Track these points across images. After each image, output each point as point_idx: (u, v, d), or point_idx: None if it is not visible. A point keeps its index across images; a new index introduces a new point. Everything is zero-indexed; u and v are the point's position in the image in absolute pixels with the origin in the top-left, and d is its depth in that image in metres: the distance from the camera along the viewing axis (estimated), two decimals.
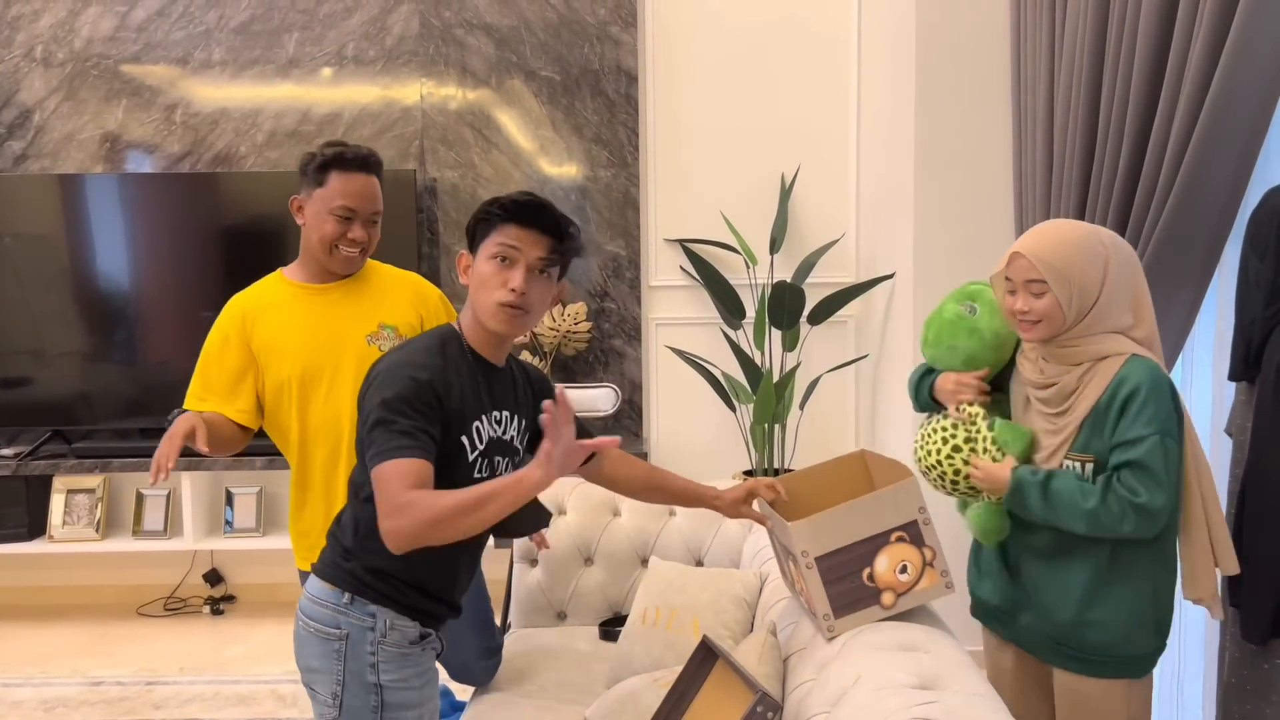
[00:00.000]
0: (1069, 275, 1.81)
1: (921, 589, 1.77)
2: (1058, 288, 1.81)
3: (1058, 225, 1.87)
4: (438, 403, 1.65)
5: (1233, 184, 2.25)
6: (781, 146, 4.28)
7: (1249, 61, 2.10)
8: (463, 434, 1.70)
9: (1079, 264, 1.81)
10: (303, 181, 2.23)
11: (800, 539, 1.72)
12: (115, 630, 4.06)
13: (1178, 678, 2.59)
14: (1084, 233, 1.85)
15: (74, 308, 4.13)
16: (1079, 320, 1.83)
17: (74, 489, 4.23)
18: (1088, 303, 1.82)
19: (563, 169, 4.28)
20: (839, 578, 1.74)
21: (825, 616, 1.74)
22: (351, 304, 2.25)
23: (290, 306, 2.23)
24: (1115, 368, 1.81)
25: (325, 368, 2.20)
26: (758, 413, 3.93)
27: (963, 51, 3.40)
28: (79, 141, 4.26)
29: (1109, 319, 1.84)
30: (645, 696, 1.99)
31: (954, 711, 1.42)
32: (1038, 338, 1.87)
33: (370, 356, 2.17)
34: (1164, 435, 1.75)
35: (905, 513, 1.75)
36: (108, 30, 4.23)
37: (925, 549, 1.77)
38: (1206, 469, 1.86)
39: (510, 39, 4.23)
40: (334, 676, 1.71)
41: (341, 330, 2.22)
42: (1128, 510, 1.75)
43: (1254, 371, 2.06)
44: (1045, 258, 1.82)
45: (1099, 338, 1.84)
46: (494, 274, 1.71)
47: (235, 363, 2.21)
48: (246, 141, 4.26)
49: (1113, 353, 1.82)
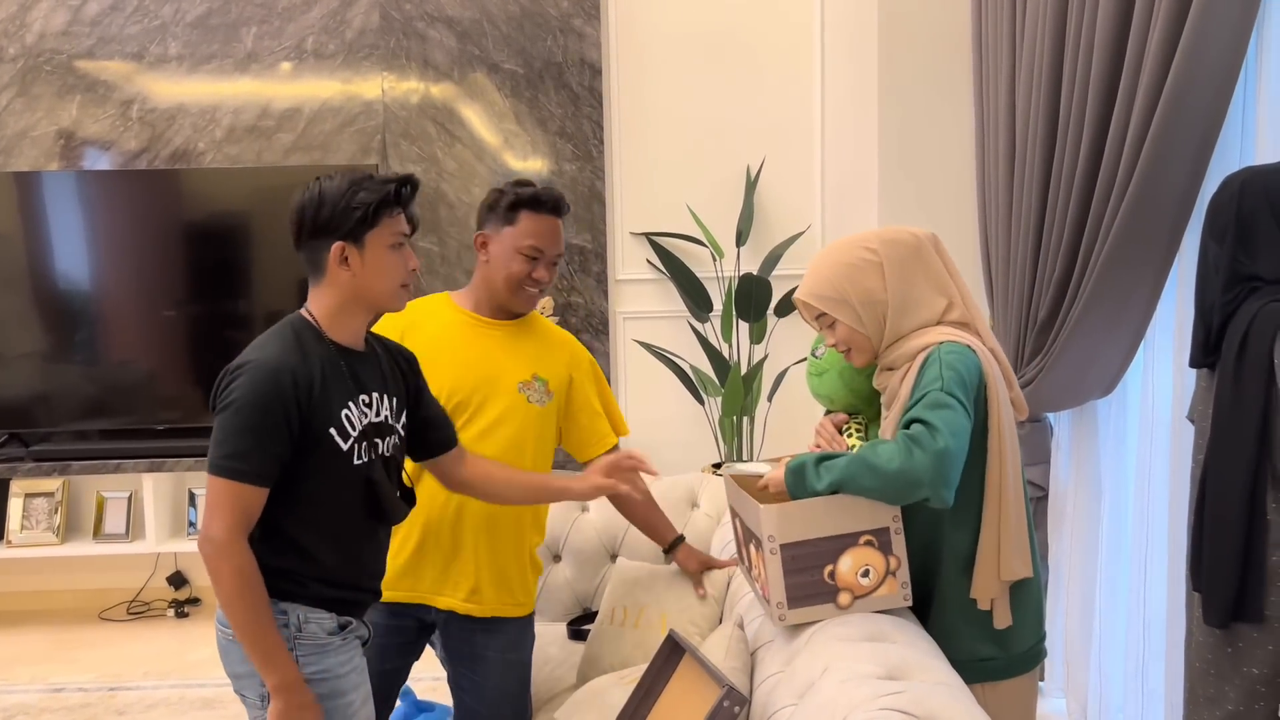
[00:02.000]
0: (844, 298, 1.81)
1: (879, 596, 1.76)
2: (840, 313, 1.82)
3: (822, 254, 1.87)
4: (295, 401, 1.67)
5: (1191, 172, 2.26)
6: (746, 139, 4.28)
7: (1206, 51, 2.11)
8: (330, 425, 1.72)
9: (849, 282, 1.81)
10: (489, 217, 2.19)
11: (769, 523, 1.71)
12: (77, 636, 3.99)
13: (1142, 661, 2.62)
14: (847, 251, 1.83)
15: (32, 308, 4.06)
16: (883, 329, 1.82)
17: (32, 492, 4.16)
18: (880, 311, 1.81)
19: (527, 163, 4.25)
20: (800, 569, 1.73)
21: (779, 604, 1.74)
22: (513, 346, 2.21)
23: (453, 330, 2.20)
24: (922, 360, 1.78)
25: (472, 402, 2.16)
26: (726, 405, 3.93)
27: (925, 43, 3.40)
28: (33, 138, 4.18)
29: (912, 316, 1.81)
30: (613, 694, 1.98)
31: (921, 701, 1.42)
32: (863, 362, 1.87)
33: (518, 403, 2.17)
34: (946, 392, 1.67)
35: (879, 518, 1.74)
36: (60, 25, 4.15)
37: (891, 557, 1.75)
38: (1012, 465, 1.77)
39: (472, 32, 4.19)
40: (259, 679, 1.71)
41: (499, 370, 2.18)
42: (909, 446, 1.63)
43: (1214, 358, 2.07)
44: (816, 290, 1.83)
45: (912, 336, 1.81)
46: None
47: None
48: (205, 137, 4.19)
49: (926, 345, 1.79)
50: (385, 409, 1.84)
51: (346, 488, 1.77)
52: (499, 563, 2.18)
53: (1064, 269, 2.56)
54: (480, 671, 2.19)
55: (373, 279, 1.77)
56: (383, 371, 1.87)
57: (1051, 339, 2.61)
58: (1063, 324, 2.56)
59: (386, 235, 1.77)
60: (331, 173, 1.77)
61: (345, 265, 1.75)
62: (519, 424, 2.17)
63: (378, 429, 1.82)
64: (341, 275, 1.76)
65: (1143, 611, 2.61)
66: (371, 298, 1.79)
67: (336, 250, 1.75)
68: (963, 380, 1.70)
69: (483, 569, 2.16)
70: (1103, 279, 2.42)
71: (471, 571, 2.16)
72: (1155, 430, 2.56)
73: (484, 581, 2.17)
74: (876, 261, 1.81)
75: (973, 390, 1.72)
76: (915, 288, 1.81)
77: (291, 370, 1.68)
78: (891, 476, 1.65)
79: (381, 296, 1.80)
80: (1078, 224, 2.52)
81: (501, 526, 2.17)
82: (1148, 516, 2.57)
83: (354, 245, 1.75)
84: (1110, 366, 2.58)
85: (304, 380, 1.69)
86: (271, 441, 1.66)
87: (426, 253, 4.24)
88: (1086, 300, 2.46)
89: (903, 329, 1.81)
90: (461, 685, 2.22)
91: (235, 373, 1.68)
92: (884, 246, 1.82)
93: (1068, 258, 2.56)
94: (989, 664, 1.83)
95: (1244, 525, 1.96)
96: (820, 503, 1.74)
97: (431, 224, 4.21)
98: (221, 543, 1.64)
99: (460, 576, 2.16)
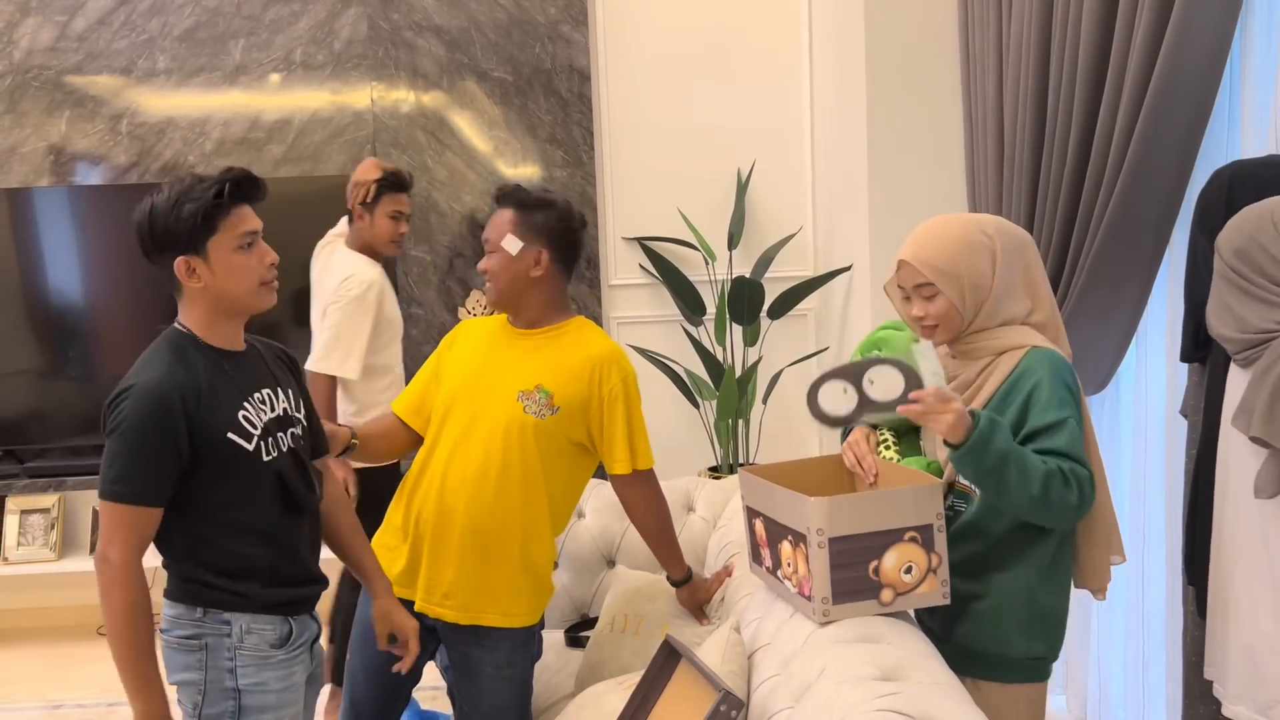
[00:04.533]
0: (957, 273, 1.78)
1: (920, 593, 1.76)
2: (948, 288, 1.79)
3: (939, 224, 1.84)
4: (184, 416, 1.68)
5: (1179, 168, 2.27)
6: (737, 142, 4.28)
7: (1191, 45, 2.12)
8: (228, 430, 1.73)
9: (965, 260, 1.78)
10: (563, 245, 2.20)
11: (818, 516, 1.70)
12: (75, 652, 3.98)
13: (1142, 656, 2.62)
14: (966, 228, 1.81)
15: (25, 324, 4.05)
16: (976, 314, 1.81)
17: (28, 509, 4.14)
18: (981, 296, 1.79)
19: (519, 170, 4.25)
20: (847, 564, 1.72)
21: (824, 600, 1.72)
22: (529, 356, 2.18)
23: (482, 338, 2.27)
24: (1015, 361, 1.78)
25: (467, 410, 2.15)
26: (721, 409, 3.93)
27: (913, 44, 3.41)
28: (22, 155, 4.17)
29: (1005, 309, 1.81)
30: (611, 700, 1.97)
31: (916, 701, 1.43)
32: (940, 340, 1.84)
33: (512, 413, 2.12)
34: (1076, 419, 1.73)
35: (923, 514, 1.73)
36: (48, 40, 4.14)
37: (933, 554, 1.75)
38: (1099, 457, 1.83)
39: (460, 40, 4.20)
40: (196, 687, 1.74)
41: (501, 377, 2.17)
42: (1072, 482, 1.68)
43: (1204, 352, 2.08)
44: (930, 260, 1.79)
45: (999, 331, 1.81)
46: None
47: (430, 368, 2.30)
48: (195, 150, 4.19)
49: (1012, 346, 1.79)
50: (282, 402, 1.85)
51: (259, 487, 1.77)
52: (487, 569, 2.13)
53: (1054, 267, 2.57)
54: (476, 684, 2.17)
55: (227, 284, 1.75)
56: (269, 367, 1.87)
57: None
58: None
59: (230, 239, 1.73)
60: (163, 184, 1.74)
61: (195, 277, 1.73)
62: (506, 434, 2.12)
63: (279, 423, 1.82)
64: (194, 287, 1.74)
65: (1141, 606, 2.61)
66: (231, 302, 1.77)
67: (181, 265, 1.72)
68: (1076, 399, 1.75)
69: (465, 573, 2.12)
70: (1093, 276, 2.42)
71: (451, 575, 2.13)
72: (1149, 425, 2.56)
73: (464, 586, 2.12)
74: (991, 247, 1.79)
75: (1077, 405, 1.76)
76: (1015, 281, 1.81)
77: (177, 388, 1.68)
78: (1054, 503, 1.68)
79: (241, 299, 1.77)
80: (1067, 221, 2.53)
81: (487, 530, 2.12)
82: (1143, 511, 2.57)
83: (197, 256, 1.72)
84: (1103, 363, 2.59)
85: (190, 394, 1.69)
86: (159, 462, 1.66)
87: (419, 261, 4.24)
88: (1077, 297, 2.47)
89: (993, 319, 1.81)
90: (460, 694, 2.22)
91: (120, 397, 1.69)
92: (999, 232, 1.81)
93: (1058, 255, 2.57)
94: (1039, 663, 1.85)
95: None
96: (868, 496, 1.76)
97: (423, 233, 4.21)
98: (118, 565, 1.65)
99: (438, 579, 2.14)
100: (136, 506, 1.66)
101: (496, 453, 2.12)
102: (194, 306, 1.77)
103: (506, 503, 2.12)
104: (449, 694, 2.29)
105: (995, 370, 1.79)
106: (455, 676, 2.21)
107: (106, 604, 1.67)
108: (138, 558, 1.67)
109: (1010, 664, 1.83)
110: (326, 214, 4.00)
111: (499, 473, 2.12)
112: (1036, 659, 1.84)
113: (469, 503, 2.11)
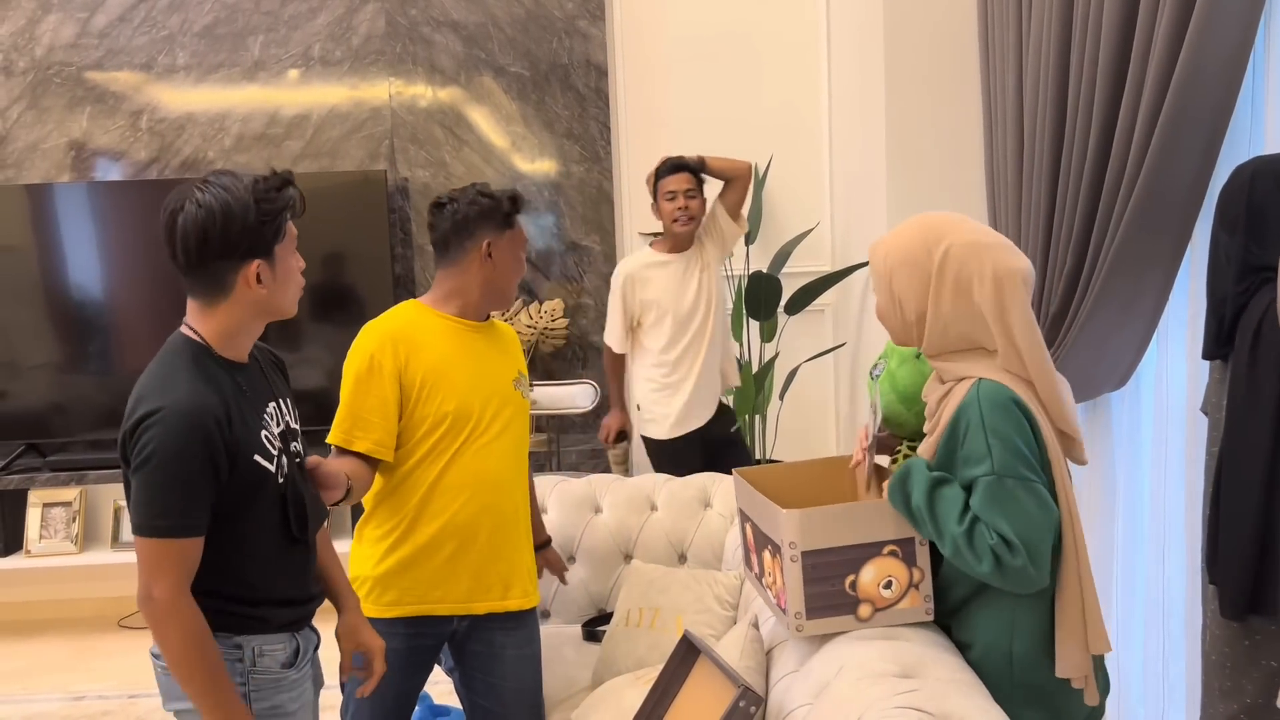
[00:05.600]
0: (887, 279, 1.71)
1: (901, 609, 1.70)
2: (878, 290, 1.73)
3: (905, 225, 1.72)
4: (221, 441, 1.55)
5: (1201, 163, 2.25)
6: (754, 137, 4.27)
7: (1213, 39, 2.10)
8: (254, 453, 1.61)
9: (897, 271, 1.69)
10: (486, 224, 2.17)
11: (790, 529, 1.66)
12: (97, 644, 4.02)
13: (1162, 654, 2.60)
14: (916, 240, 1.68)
15: (46, 319, 4.08)
16: (920, 334, 1.70)
17: (50, 502, 4.18)
18: (909, 315, 1.69)
19: (535, 165, 4.26)
20: (821, 578, 1.67)
21: (798, 614, 1.69)
22: (496, 347, 2.24)
23: (454, 342, 2.16)
24: (963, 393, 1.64)
25: (486, 414, 2.15)
26: (738, 405, 3.93)
27: (931, 38, 3.39)
28: (44, 151, 4.20)
29: (963, 333, 1.67)
30: (628, 694, 1.98)
31: (936, 698, 1.42)
32: (895, 342, 1.78)
33: (516, 400, 2.20)
34: (998, 478, 1.56)
35: (904, 529, 1.67)
36: (69, 37, 4.17)
37: (915, 569, 1.69)
38: (1077, 522, 1.62)
39: (478, 36, 4.20)
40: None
41: (497, 373, 2.20)
42: (982, 549, 1.55)
43: (1227, 349, 2.06)
44: (874, 255, 1.74)
45: (957, 356, 1.68)
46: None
47: (385, 392, 2.08)
48: (214, 146, 4.21)
49: (963, 375, 1.66)
50: (285, 414, 1.74)
51: (275, 508, 1.66)
52: (529, 551, 2.25)
53: (1074, 262, 2.55)
54: (497, 671, 2.20)
55: (283, 291, 1.65)
56: (267, 377, 1.75)
57: (1063, 332, 2.60)
58: (1074, 317, 2.54)
59: (290, 242, 1.65)
60: (206, 184, 1.58)
61: (259, 284, 1.61)
62: (520, 421, 2.23)
63: (284, 437, 1.71)
64: (252, 294, 1.61)
65: (1162, 605, 2.59)
66: (279, 310, 1.67)
67: (252, 271, 1.59)
68: (1010, 442, 1.56)
69: (521, 559, 2.21)
70: (1114, 272, 2.41)
71: (506, 570, 2.17)
72: (1169, 423, 2.54)
73: (521, 573, 2.20)
74: (929, 268, 1.66)
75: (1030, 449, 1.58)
76: (971, 310, 1.65)
77: (210, 407, 1.54)
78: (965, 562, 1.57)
79: (289, 307, 1.69)
80: (1088, 217, 2.51)
81: (524, 514, 2.23)
82: (1164, 509, 2.56)
83: (267, 261, 1.61)
84: (1123, 359, 2.57)
85: (221, 414, 1.56)
86: (200, 490, 1.54)
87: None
88: (1098, 293, 2.45)
89: (946, 341, 1.68)
90: (475, 689, 2.23)
91: (147, 423, 1.52)
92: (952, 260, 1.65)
93: (1078, 251, 2.55)
94: None
95: (1260, 517, 1.94)
96: (844, 509, 1.69)
97: None
98: (166, 603, 1.52)
99: (494, 577, 2.16)
100: (183, 539, 1.53)
101: (517, 440, 2.21)
102: (229, 315, 1.62)
103: (524, 483, 2.24)
104: (460, 691, 2.29)
105: (949, 400, 1.67)
106: (474, 670, 2.21)
107: (164, 642, 1.55)
108: (186, 592, 1.54)
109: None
110: (344, 209, 4.03)
111: (518, 457, 2.21)
112: None
113: (512, 491, 2.18)
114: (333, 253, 4.06)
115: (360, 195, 4.04)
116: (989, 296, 1.63)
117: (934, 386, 1.75)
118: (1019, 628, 1.63)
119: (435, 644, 2.19)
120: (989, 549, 1.54)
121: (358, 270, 4.09)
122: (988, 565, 1.55)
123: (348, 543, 4.10)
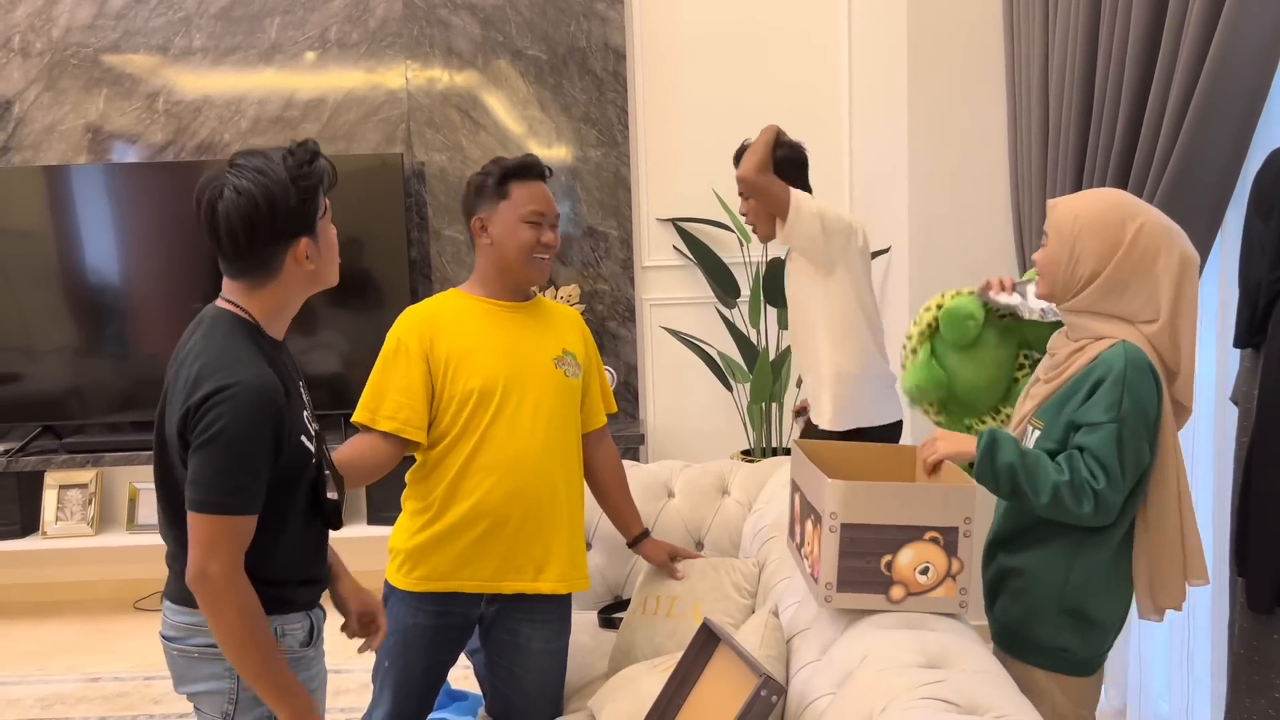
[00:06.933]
0: (1072, 237, 1.76)
1: (935, 597, 1.69)
2: (1056, 245, 1.79)
3: (1104, 193, 1.80)
4: (282, 420, 1.56)
5: (1233, 149, 2.21)
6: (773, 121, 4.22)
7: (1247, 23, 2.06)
8: (300, 433, 1.62)
9: (1086, 232, 1.75)
10: (478, 201, 2.17)
11: (833, 499, 1.65)
12: (112, 626, 4.03)
13: (1188, 649, 2.57)
14: (1115, 212, 1.75)
15: (63, 301, 4.08)
16: (1078, 290, 1.77)
17: (66, 484, 4.19)
18: (1085, 270, 1.75)
19: (552, 149, 4.23)
20: (857, 553, 1.67)
21: (828, 585, 1.68)
22: (537, 326, 2.21)
23: (480, 322, 2.17)
24: (1099, 351, 1.74)
25: (513, 390, 2.13)
26: (755, 392, 3.90)
27: (955, 22, 3.35)
28: (60, 132, 4.20)
29: (1121, 302, 1.75)
30: (646, 682, 1.96)
31: (962, 690, 1.40)
32: (1042, 293, 1.85)
33: (556, 379, 2.17)
34: (1121, 425, 1.67)
35: (950, 516, 1.67)
36: (86, 19, 4.16)
37: (955, 560, 1.68)
38: (1184, 473, 1.77)
39: (495, 18, 4.17)
40: (225, 696, 1.62)
41: (532, 350, 2.18)
42: (1086, 492, 1.66)
43: (1259, 338, 2.03)
44: (1060, 213, 1.80)
45: (1105, 319, 1.76)
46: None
47: (412, 371, 2.10)
48: (230, 129, 4.20)
49: (1106, 335, 1.75)
50: (305, 391, 1.74)
51: (307, 488, 1.66)
52: (578, 535, 2.24)
53: None
54: (521, 663, 2.19)
55: (329, 263, 1.68)
56: (291, 356, 1.76)
57: None
58: None
59: (327, 213, 1.67)
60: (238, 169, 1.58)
61: (307, 260, 1.62)
62: (560, 399, 2.18)
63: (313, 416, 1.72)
64: (301, 271, 1.63)
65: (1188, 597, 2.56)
66: (323, 282, 1.69)
67: (301, 249, 1.61)
68: (1139, 406, 1.68)
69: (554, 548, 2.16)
70: None
71: (541, 553, 2.15)
72: (1199, 412, 2.50)
73: (557, 559, 2.16)
74: (1122, 239, 1.73)
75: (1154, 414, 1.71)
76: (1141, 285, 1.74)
77: (273, 385, 1.56)
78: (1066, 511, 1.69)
79: (332, 276, 1.70)
80: None
81: (564, 501, 2.18)
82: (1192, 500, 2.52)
83: (311, 238, 1.63)
84: None
85: (280, 393, 1.57)
86: (262, 469, 1.55)
87: (454, 241, 4.23)
88: None
89: (1103, 305, 1.76)
90: (498, 676, 2.22)
91: (215, 399, 1.51)
92: (1147, 236, 1.73)
93: None
94: (1064, 655, 1.80)
95: None
96: (891, 487, 1.69)
97: (456, 212, 4.19)
98: (223, 581, 1.52)
99: (526, 559, 2.14)
100: (244, 516, 1.54)
101: (556, 419, 2.17)
102: (277, 294, 1.63)
103: (570, 465, 2.21)
104: (480, 675, 2.28)
105: (1082, 355, 1.77)
106: (498, 658, 2.20)
107: (218, 619, 1.54)
108: (240, 569, 1.54)
109: (1033, 647, 1.81)
110: (361, 193, 4.01)
111: (560, 438, 2.18)
112: (1061, 650, 1.79)
113: (550, 473, 2.15)
114: (349, 237, 3.99)
115: (376, 179, 4.02)
116: (1172, 276, 1.73)
117: (1063, 341, 1.84)
118: (1081, 559, 1.76)
119: (463, 625, 2.18)
120: (1094, 495, 1.66)
121: (373, 254, 4.07)
122: (1088, 509, 1.66)
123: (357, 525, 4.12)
